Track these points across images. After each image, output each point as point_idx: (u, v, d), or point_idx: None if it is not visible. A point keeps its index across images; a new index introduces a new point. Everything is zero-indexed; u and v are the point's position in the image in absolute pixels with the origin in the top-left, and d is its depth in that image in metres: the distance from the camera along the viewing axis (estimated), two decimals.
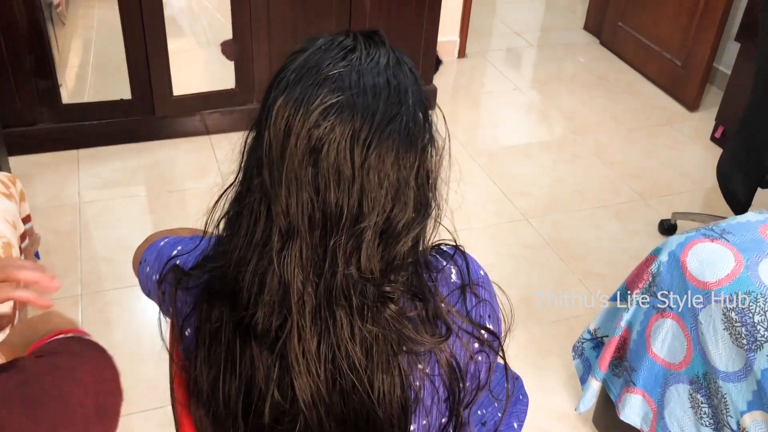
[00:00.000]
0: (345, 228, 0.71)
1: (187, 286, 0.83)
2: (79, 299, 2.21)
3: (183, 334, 0.86)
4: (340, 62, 0.72)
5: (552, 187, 2.93)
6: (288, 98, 0.70)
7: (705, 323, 1.45)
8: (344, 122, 0.69)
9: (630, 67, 3.87)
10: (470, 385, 0.85)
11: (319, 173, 0.70)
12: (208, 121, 3.03)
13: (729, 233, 1.52)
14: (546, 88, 3.70)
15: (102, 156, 2.88)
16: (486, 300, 0.85)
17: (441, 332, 0.79)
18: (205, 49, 3.07)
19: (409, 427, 0.81)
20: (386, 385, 0.76)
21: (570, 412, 1.98)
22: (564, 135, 3.28)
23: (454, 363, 0.81)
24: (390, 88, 0.72)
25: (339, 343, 0.74)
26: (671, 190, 2.94)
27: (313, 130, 0.69)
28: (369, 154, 0.70)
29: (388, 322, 0.75)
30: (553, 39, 4.28)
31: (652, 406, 1.60)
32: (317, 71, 0.71)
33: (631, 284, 1.65)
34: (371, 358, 0.75)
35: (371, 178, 0.70)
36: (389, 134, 0.70)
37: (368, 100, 0.70)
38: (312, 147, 0.69)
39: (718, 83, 3.61)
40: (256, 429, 0.81)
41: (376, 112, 0.70)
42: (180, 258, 0.89)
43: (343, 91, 0.70)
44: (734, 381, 1.40)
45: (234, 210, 0.78)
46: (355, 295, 0.73)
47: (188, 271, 0.85)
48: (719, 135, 3.19)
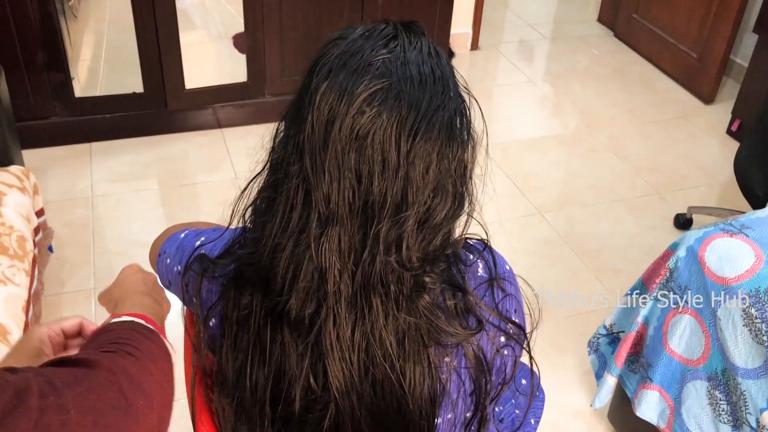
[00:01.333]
0: (387, 216, 0.70)
1: (214, 275, 0.83)
2: (91, 293, 2.21)
3: (207, 324, 0.85)
4: (382, 50, 0.72)
5: (566, 182, 2.90)
6: (331, 84, 0.70)
7: (724, 319, 1.42)
8: (391, 109, 0.69)
9: (645, 59, 3.83)
10: (496, 379, 0.84)
11: (363, 160, 0.69)
12: (220, 114, 3.03)
13: (748, 228, 1.50)
14: (560, 81, 3.67)
15: (114, 149, 2.88)
16: (512, 294, 0.85)
17: (471, 325, 0.78)
18: (216, 43, 3.06)
19: (436, 419, 0.80)
20: (417, 375, 0.76)
21: (585, 408, 1.96)
22: (578, 129, 3.25)
23: (481, 356, 0.80)
24: (435, 77, 0.72)
25: (374, 331, 0.74)
26: (687, 184, 2.91)
27: (358, 116, 0.69)
28: (415, 143, 0.69)
29: (422, 313, 0.75)
30: (567, 31, 4.24)
31: (669, 403, 1.58)
32: (360, 57, 0.71)
33: (648, 279, 1.63)
34: (403, 347, 0.75)
35: (416, 167, 0.70)
36: (435, 123, 0.70)
37: (414, 88, 0.70)
38: (357, 134, 0.69)
39: (734, 76, 3.57)
40: (285, 417, 0.80)
41: (422, 101, 0.70)
42: (205, 247, 0.88)
43: (388, 78, 0.70)
44: (754, 378, 1.38)
45: (267, 196, 0.77)
46: (393, 283, 0.73)
47: (215, 259, 0.84)
48: (736, 128, 3.15)
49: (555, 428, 1.91)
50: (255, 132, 3.09)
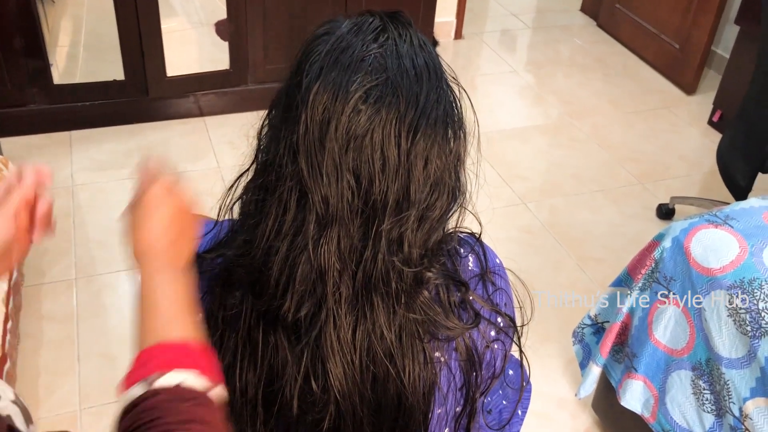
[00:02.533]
0: (388, 215, 0.69)
1: (200, 270, 0.81)
2: (73, 283, 2.18)
3: None
4: (372, 44, 0.70)
5: (549, 171, 2.91)
6: (324, 82, 0.68)
7: (709, 310, 1.44)
8: (389, 105, 0.67)
9: (627, 49, 3.85)
10: (485, 373, 0.84)
11: (362, 159, 0.68)
12: (202, 102, 2.99)
13: (733, 219, 1.51)
14: (543, 71, 3.67)
15: (95, 138, 2.84)
16: (502, 288, 0.85)
17: (464, 319, 0.78)
18: (198, 29, 3.02)
19: (430, 413, 0.80)
20: (416, 370, 0.75)
21: (569, 397, 1.98)
22: (561, 118, 3.26)
23: (472, 350, 0.80)
24: (429, 70, 0.71)
25: (375, 330, 0.73)
26: (669, 174, 2.93)
27: (354, 115, 0.67)
28: (416, 140, 0.68)
29: (421, 308, 0.74)
30: (550, 21, 4.25)
31: (654, 392, 1.59)
32: (352, 53, 0.69)
33: (633, 270, 1.64)
34: (401, 343, 0.74)
35: (417, 163, 0.69)
36: (433, 118, 0.69)
37: (410, 81, 0.69)
38: (354, 133, 0.67)
39: (715, 67, 3.59)
40: (283, 419, 0.79)
41: (419, 95, 0.69)
42: None
43: (382, 73, 0.68)
44: (737, 368, 1.40)
45: (257, 197, 0.75)
46: (394, 281, 0.72)
47: (201, 254, 0.82)
48: (717, 119, 3.18)
49: (539, 417, 1.92)
50: (237, 120, 3.07)
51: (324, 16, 0.76)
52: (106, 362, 1.97)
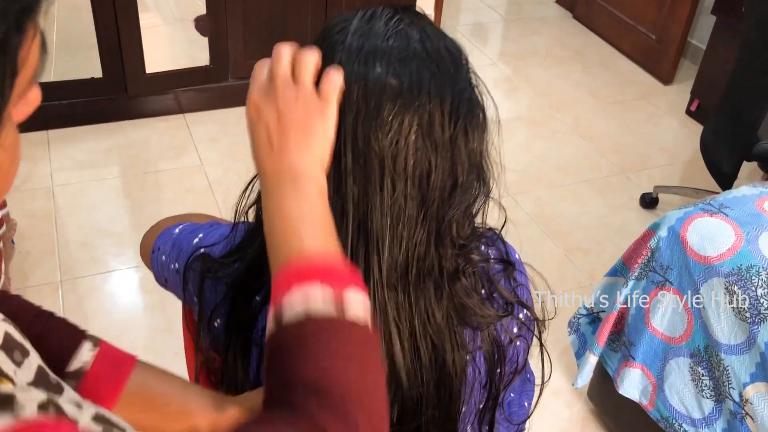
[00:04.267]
0: (443, 201, 0.70)
1: (217, 275, 0.79)
2: (58, 286, 2.14)
3: (212, 325, 0.81)
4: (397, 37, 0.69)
5: (533, 164, 2.92)
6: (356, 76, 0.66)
7: (707, 297, 1.46)
8: (431, 88, 0.67)
9: (604, 41, 3.88)
10: (507, 369, 0.84)
11: (416, 159, 0.68)
12: (182, 99, 2.95)
13: (727, 208, 1.53)
14: (521, 63, 3.68)
15: (73, 137, 2.78)
16: (523, 284, 0.84)
17: (496, 309, 0.78)
18: (178, 25, 2.98)
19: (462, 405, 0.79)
20: (457, 358, 0.75)
21: (564, 387, 1.99)
22: (542, 110, 3.27)
23: (495, 346, 0.79)
24: (460, 53, 0.71)
25: (427, 316, 0.72)
26: (650, 164, 2.96)
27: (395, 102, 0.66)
28: (458, 125, 0.68)
29: (461, 297, 0.74)
30: (526, 12, 4.26)
31: (652, 380, 1.61)
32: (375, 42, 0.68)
33: (629, 260, 1.66)
34: (446, 332, 0.74)
35: (461, 148, 0.69)
36: (469, 99, 0.70)
37: (447, 66, 0.69)
38: (400, 119, 0.66)
39: (691, 57, 3.64)
40: None
41: (457, 80, 0.69)
42: (205, 246, 0.84)
43: (424, 60, 0.67)
44: (737, 354, 1.42)
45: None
46: (446, 265, 0.72)
47: (219, 258, 0.80)
48: (695, 108, 3.22)
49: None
50: (218, 117, 3.03)
51: (304, 9, 0.74)
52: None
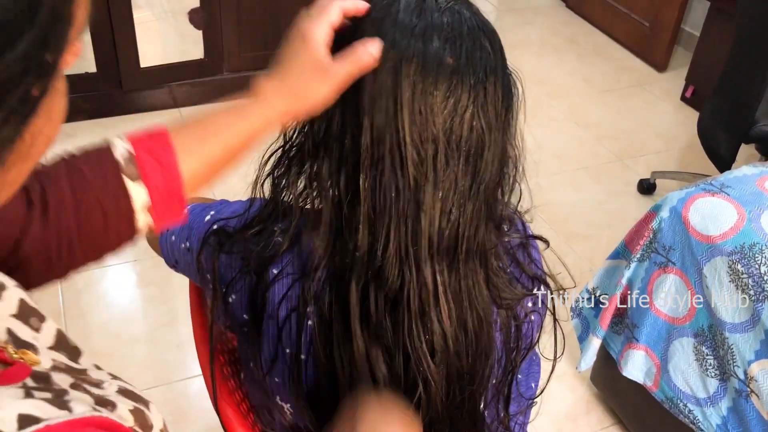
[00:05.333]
0: (489, 177, 0.71)
1: (232, 250, 0.78)
2: (58, 290, 2.13)
3: (227, 301, 0.80)
4: (442, 15, 0.70)
5: (530, 151, 2.90)
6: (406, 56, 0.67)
7: (710, 276, 1.46)
8: (477, 68, 0.69)
9: (597, 29, 3.88)
10: (522, 344, 0.84)
11: (470, 142, 0.69)
12: (176, 93, 2.93)
13: (728, 187, 1.53)
14: (516, 52, 3.68)
15: (68, 133, 2.73)
16: (536, 259, 0.85)
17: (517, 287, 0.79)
18: (171, 19, 2.96)
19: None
20: (492, 334, 0.76)
21: (567, 370, 1.99)
22: (538, 98, 3.27)
23: (512, 322, 0.80)
24: (495, 32, 0.73)
25: (471, 294, 0.73)
26: (646, 150, 2.97)
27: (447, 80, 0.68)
28: (502, 104, 0.70)
29: (494, 275, 0.75)
30: (519, 3, 4.26)
31: (656, 361, 1.61)
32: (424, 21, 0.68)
33: (631, 242, 1.66)
34: (490, 308, 0.75)
35: (511, 128, 0.73)
36: (508, 80, 0.73)
37: (497, 44, 0.72)
38: (455, 97, 0.68)
39: (684, 44, 3.65)
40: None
41: (498, 59, 0.72)
42: (220, 221, 0.83)
43: (467, 40, 0.69)
44: (741, 332, 1.42)
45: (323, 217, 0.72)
46: (487, 246, 0.73)
47: (237, 231, 0.79)
48: (690, 94, 3.23)
49: None
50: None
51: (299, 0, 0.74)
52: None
